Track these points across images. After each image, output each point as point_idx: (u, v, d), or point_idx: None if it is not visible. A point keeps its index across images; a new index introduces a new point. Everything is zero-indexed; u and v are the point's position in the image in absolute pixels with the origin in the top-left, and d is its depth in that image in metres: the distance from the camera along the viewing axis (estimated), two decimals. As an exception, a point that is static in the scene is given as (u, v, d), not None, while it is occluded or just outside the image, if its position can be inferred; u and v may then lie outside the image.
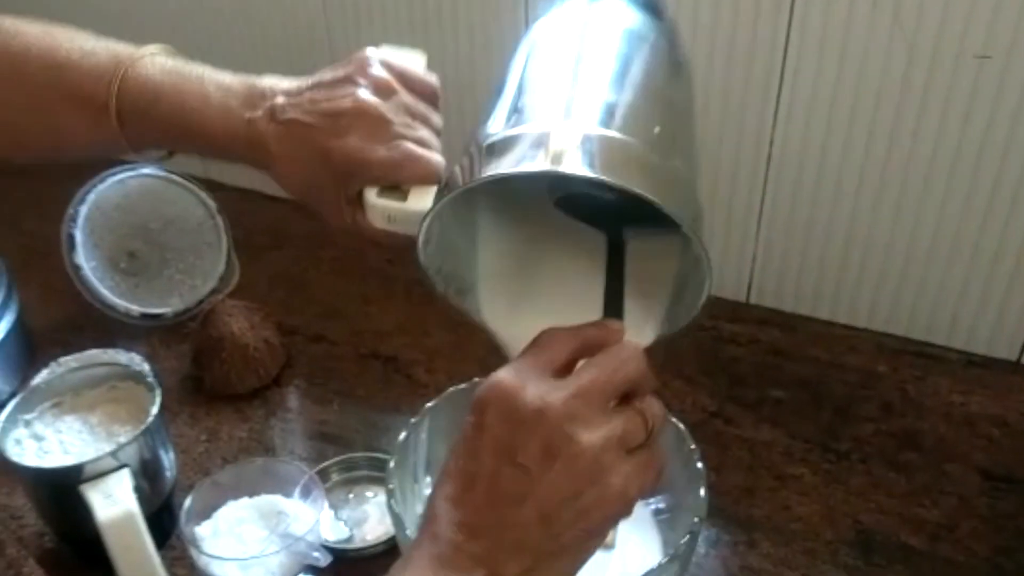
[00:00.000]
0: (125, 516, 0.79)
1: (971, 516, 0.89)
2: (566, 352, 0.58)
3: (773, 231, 1.12)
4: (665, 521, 0.83)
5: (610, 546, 0.76)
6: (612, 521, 0.56)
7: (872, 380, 1.05)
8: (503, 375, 0.56)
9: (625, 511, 0.56)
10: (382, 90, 0.72)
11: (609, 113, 0.63)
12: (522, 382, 0.55)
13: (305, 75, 0.75)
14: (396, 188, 0.71)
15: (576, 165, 0.57)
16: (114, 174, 1.15)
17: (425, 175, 0.70)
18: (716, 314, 1.16)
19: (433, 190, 0.68)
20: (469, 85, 1.10)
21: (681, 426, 0.83)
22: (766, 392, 1.04)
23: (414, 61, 0.76)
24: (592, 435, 0.54)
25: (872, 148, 1.01)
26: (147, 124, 0.76)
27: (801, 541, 0.87)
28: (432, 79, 0.75)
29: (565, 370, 0.58)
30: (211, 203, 1.20)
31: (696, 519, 0.75)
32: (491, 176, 0.59)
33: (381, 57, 0.74)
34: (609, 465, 0.54)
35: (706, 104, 1.07)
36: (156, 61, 0.76)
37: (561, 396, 0.54)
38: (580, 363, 0.59)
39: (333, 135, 0.71)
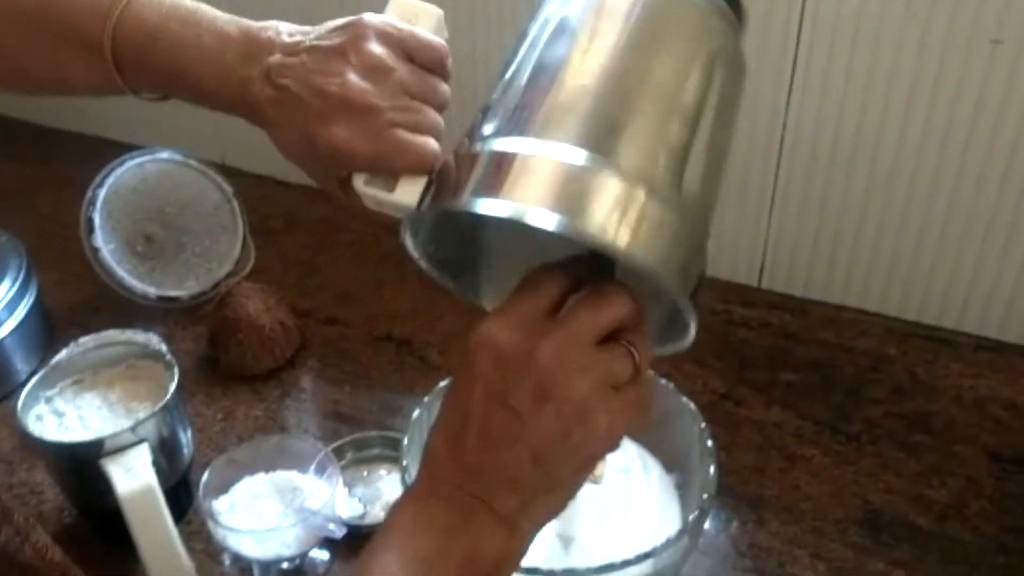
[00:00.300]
0: (144, 489, 0.80)
1: (979, 497, 0.90)
2: (555, 293, 0.58)
3: (785, 216, 1.12)
4: (679, 498, 0.84)
5: (598, 479, 0.76)
6: (600, 456, 0.58)
7: (883, 363, 1.06)
8: (492, 321, 0.57)
9: (612, 447, 0.58)
10: (374, 71, 0.67)
11: (625, 142, 0.58)
12: (511, 327, 0.56)
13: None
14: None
15: (553, 222, 0.53)
16: (132, 158, 1.17)
17: (415, 165, 0.65)
18: (728, 298, 1.17)
19: (423, 181, 0.65)
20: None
21: (692, 405, 0.84)
22: (777, 375, 1.05)
23: (425, 17, 0.71)
24: (580, 378, 0.55)
25: (884, 133, 1.01)
26: (142, 69, 0.72)
27: (810, 520, 0.88)
28: (438, 44, 0.70)
29: (554, 310, 0.58)
30: (227, 187, 1.21)
31: (706, 495, 0.76)
32: (465, 209, 0.58)
33: (381, 25, 0.68)
34: (597, 405, 0.56)
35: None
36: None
37: (549, 340, 0.55)
38: (569, 300, 0.59)
39: (320, 120, 0.66)
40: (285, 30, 0.70)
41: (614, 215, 0.55)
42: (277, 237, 1.36)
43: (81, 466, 0.84)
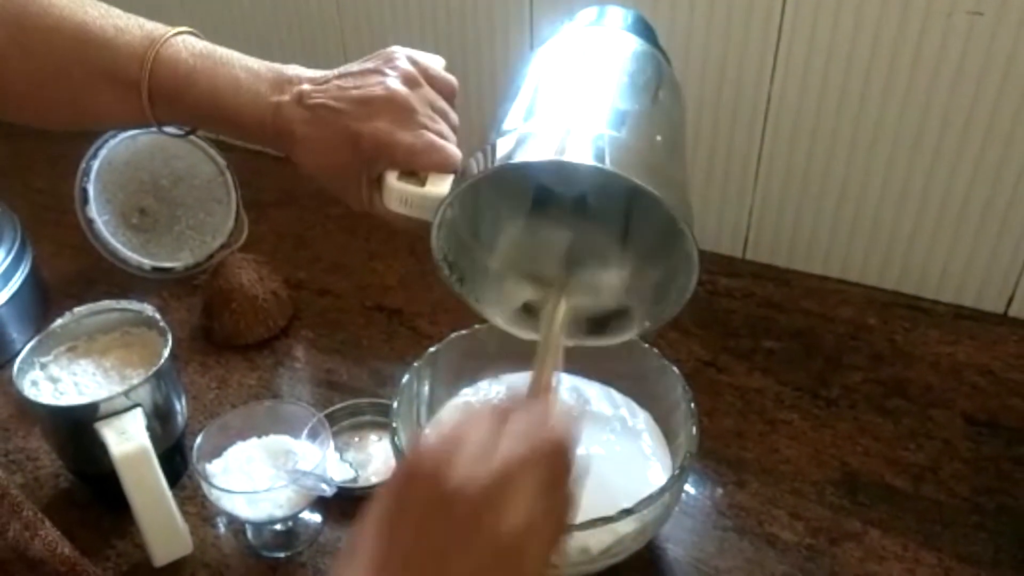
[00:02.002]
0: (138, 451, 0.82)
1: (954, 459, 0.92)
2: (494, 430, 0.56)
3: (769, 188, 1.14)
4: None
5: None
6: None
7: (863, 331, 1.08)
8: (435, 445, 0.55)
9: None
10: (410, 81, 0.75)
11: (618, 119, 0.68)
12: (452, 456, 0.53)
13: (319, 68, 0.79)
14: (414, 174, 0.73)
15: (586, 157, 0.63)
16: (126, 130, 1.17)
17: (444, 164, 0.73)
18: (712, 269, 1.19)
19: (449, 179, 0.72)
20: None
21: (675, 370, 0.86)
22: (759, 343, 1.07)
23: (434, 61, 0.80)
24: (513, 517, 0.52)
25: (865, 106, 1.03)
26: (177, 104, 0.77)
27: (789, 482, 0.90)
28: (451, 78, 0.79)
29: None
30: (220, 160, 1.22)
31: (688, 453, 0.78)
32: (505, 165, 0.64)
33: (408, 51, 0.78)
34: (521, 549, 0.53)
35: (704, 64, 1.09)
36: (187, 42, 0.78)
37: (485, 474, 0.52)
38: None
39: (363, 119, 0.73)
40: (310, 71, 0.77)
41: (636, 165, 0.64)
42: (270, 210, 1.37)
43: (76, 430, 0.85)
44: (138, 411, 0.85)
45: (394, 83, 0.74)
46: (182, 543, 0.86)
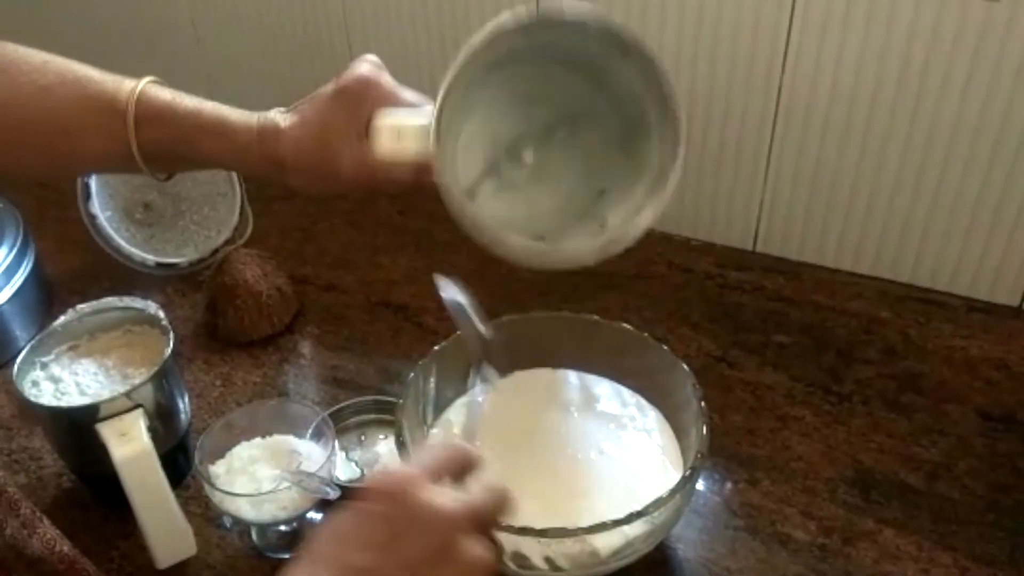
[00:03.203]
0: (140, 454, 0.81)
1: (969, 455, 0.90)
2: (449, 468, 0.62)
3: (780, 180, 1.13)
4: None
5: None
6: None
7: (875, 325, 1.06)
8: (402, 471, 0.59)
9: None
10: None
11: None
12: (419, 482, 0.58)
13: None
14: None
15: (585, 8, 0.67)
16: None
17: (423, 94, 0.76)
18: (723, 263, 1.18)
19: (432, 106, 0.71)
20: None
21: (685, 367, 0.85)
22: (770, 337, 1.06)
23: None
24: (481, 552, 0.57)
25: (879, 96, 1.01)
26: (162, 124, 0.79)
27: (801, 479, 0.89)
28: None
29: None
30: (224, 154, 1.21)
31: (698, 454, 0.77)
32: (500, 23, 0.67)
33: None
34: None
35: (715, 56, 1.08)
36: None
37: (451, 501, 0.58)
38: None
39: (344, 78, 0.78)
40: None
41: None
42: (275, 205, 1.36)
43: (77, 431, 0.84)
44: (139, 412, 0.84)
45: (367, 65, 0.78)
46: (185, 545, 0.86)
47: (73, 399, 0.87)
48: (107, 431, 0.82)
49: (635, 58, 0.71)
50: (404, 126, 0.74)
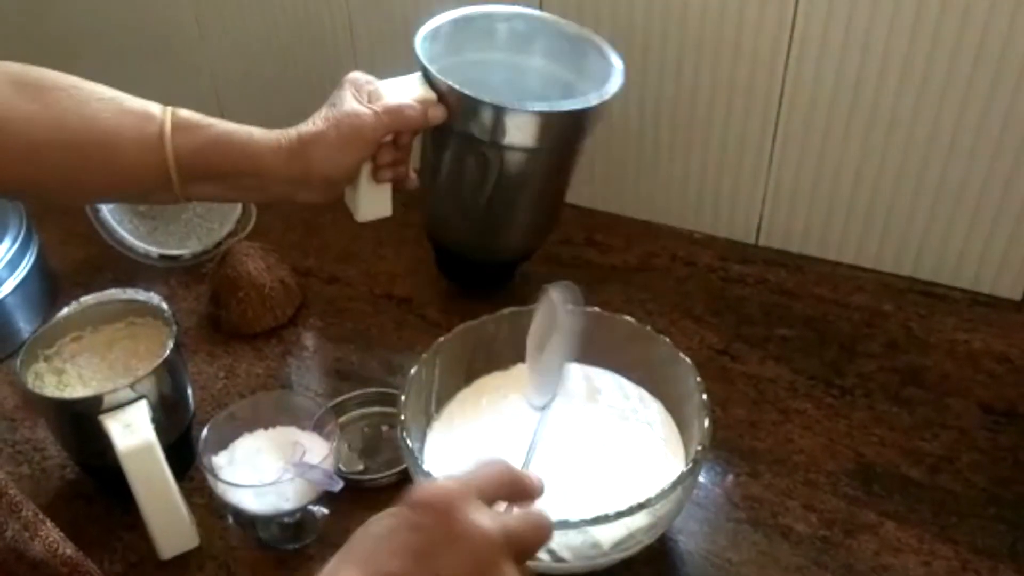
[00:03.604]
0: (143, 445, 0.81)
1: (971, 449, 0.90)
2: (496, 492, 0.61)
3: (783, 174, 1.13)
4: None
5: None
6: None
7: (877, 318, 1.06)
8: (448, 484, 0.58)
9: None
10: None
11: None
12: (463, 499, 0.57)
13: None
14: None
15: None
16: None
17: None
18: (725, 256, 1.18)
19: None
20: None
21: (688, 360, 0.85)
22: (772, 331, 1.06)
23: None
24: (511, 570, 0.56)
25: (882, 90, 1.01)
26: (196, 132, 0.83)
27: (803, 472, 0.89)
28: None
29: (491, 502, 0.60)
30: (228, 146, 1.21)
31: (700, 447, 0.77)
32: None
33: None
34: None
35: (718, 49, 1.08)
36: None
37: (492, 523, 0.57)
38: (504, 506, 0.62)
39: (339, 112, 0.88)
40: None
41: None
42: (277, 197, 1.37)
43: (81, 423, 0.84)
44: (143, 404, 0.84)
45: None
46: (188, 536, 0.86)
47: (76, 391, 0.88)
48: (111, 423, 0.82)
49: None
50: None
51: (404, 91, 0.93)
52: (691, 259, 1.18)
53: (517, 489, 0.62)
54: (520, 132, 0.95)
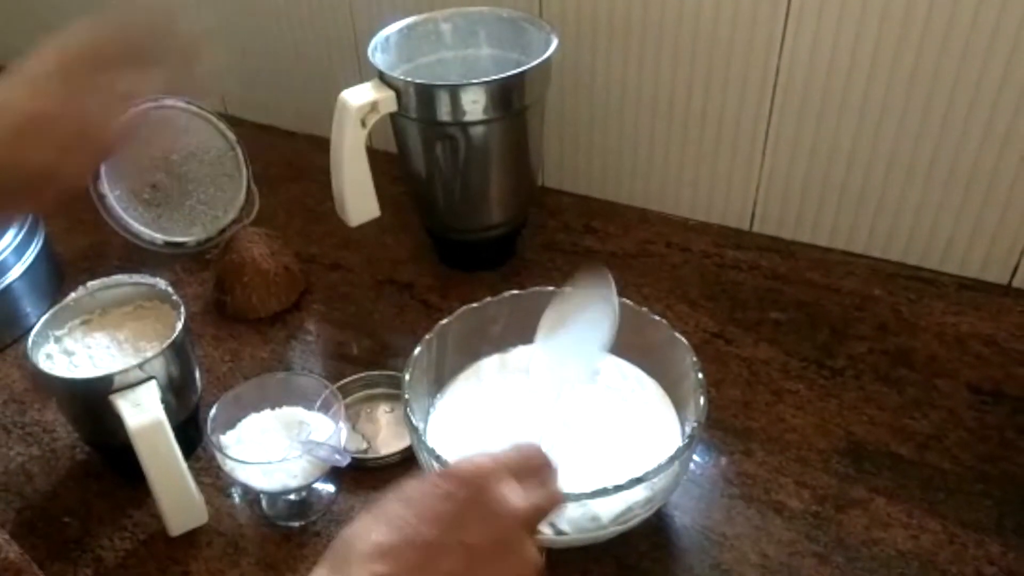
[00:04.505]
0: (154, 423, 0.83)
1: (958, 428, 0.93)
2: (527, 468, 0.62)
3: (777, 161, 1.15)
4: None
5: None
6: None
7: (868, 302, 1.09)
8: (482, 460, 0.60)
9: None
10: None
11: None
12: (497, 474, 0.59)
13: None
14: None
15: None
16: (136, 105, 1.18)
17: None
18: (720, 242, 1.20)
19: None
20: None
21: (684, 340, 0.87)
22: (766, 314, 1.08)
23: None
24: (534, 552, 0.59)
25: (874, 77, 1.03)
26: None
27: (795, 450, 0.91)
28: None
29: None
30: (230, 135, 1.23)
31: (696, 423, 0.79)
32: None
33: None
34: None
35: (713, 37, 1.10)
36: None
37: (522, 500, 0.59)
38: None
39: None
40: None
41: None
42: (281, 185, 1.38)
43: (91, 402, 0.86)
44: (152, 383, 0.86)
45: None
46: (197, 513, 0.88)
47: (86, 371, 0.89)
48: (121, 402, 0.84)
49: None
50: None
51: (361, 95, 1.02)
52: (686, 245, 1.21)
53: (537, 466, 0.64)
54: (476, 106, 1.02)
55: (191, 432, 0.96)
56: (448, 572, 0.55)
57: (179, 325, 0.90)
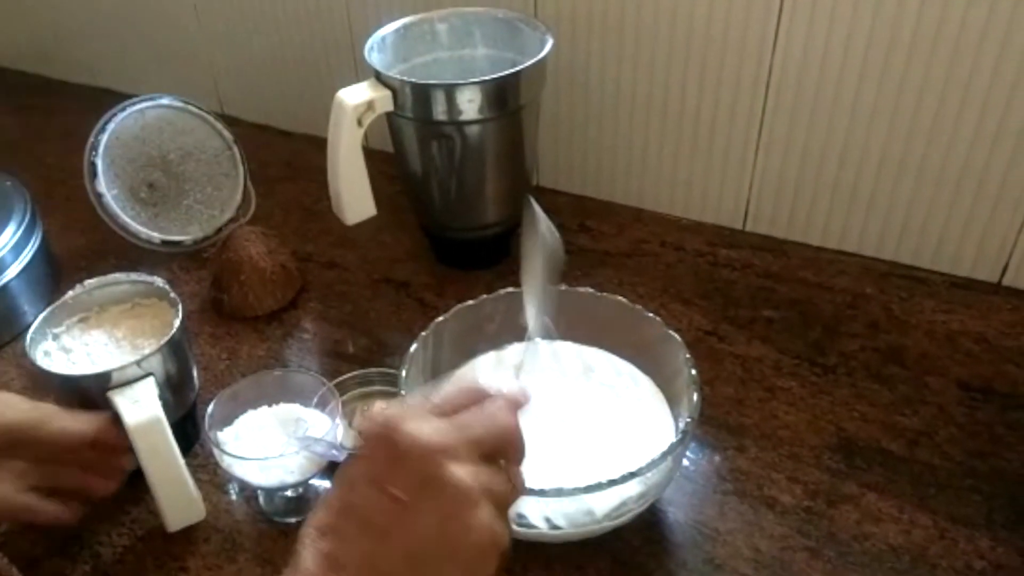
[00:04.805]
0: (151, 420, 0.83)
1: (949, 424, 0.93)
2: (455, 402, 0.61)
3: (769, 160, 1.16)
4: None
5: None
6: (479, 563, 0.57)
7: (860, 300, 1.10)
8: (390, 411, 0.58)
9: (492, 553, 0.57)
10: None
11: None
12: (404, 417, 0.57)
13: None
14: None
15: None
16: (133, 104, 1.19)
17: None
18: (714, 241, 1.21)
19: None
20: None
21: (678, 337, 0.88)
22: (758, 312, 1.09)
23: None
24: (461, 469, 0.56)
25: (866, 76, 1.04)
26: None
27: (787, 446, 0.92)
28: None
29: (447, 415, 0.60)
30: (227, 134, 1.24)
31: (689, 419, 0.80)
32: None
33: None
34: (475, 501, 0.56)
35: (706, 36, 1.11)
36: None
37: (435, 430, 0.57)
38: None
39: None
40: None
41: None
42: (277, 184, 1.39)
43: (89, 399, 0.86)
44: (150, 380, 0.86)
45: None
46: (195, 510, 0.88)
47: (84, 368, 0.90)
48: (119, 399, 0.84)
49: None
50: None
51: (357, 95, 1.03)
52: (680, 244, 1.21)
53: (472, 398, 0.63)
54: (471, 105, 1.03)
55: (188, 429, 0.97)
56: (385, 525, 0.55)
57: (177, 322, 0.91)
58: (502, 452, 0.61)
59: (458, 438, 0.58)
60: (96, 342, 0.93)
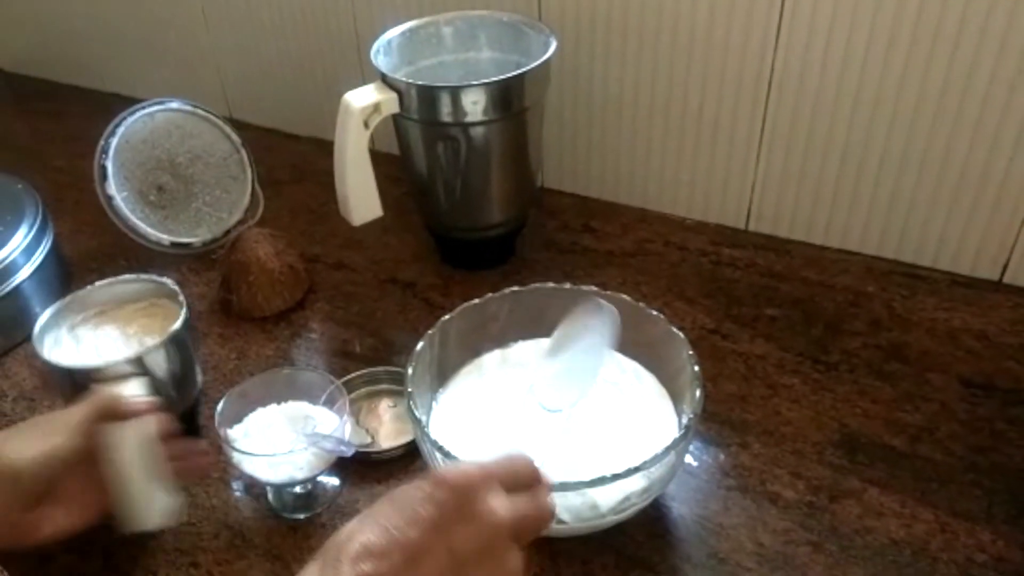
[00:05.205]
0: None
1: (950, 420, 0.94)
2: (516, 481, 0.64)
3: (772, 160, 1.17)
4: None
5: None
6: None
7: (862, 299, 1.10)
8: (471, 469, 0.61)
9: None
10: None
11: None
12: (485, 484, 0.61)
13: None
14: None
15: None
16: (142, 108, 1.21)
17: None
18: (717, 240, 1.22)
19: None
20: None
21: (681, 334, 0.89)
22: (761, 311, 1.10)
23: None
24: (517, 556, 0.61)
25: (866, 75, 1.05)
26: None
27: (790, 443, 0.93)
28: None
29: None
30: (235, 137, 1.25)
31: (692, 414, 0.81)
32: None
33: None
34: None
35: (708, 37, 1.12)
36: None
37: (507, 509, 0.61)
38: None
39: None
40: None
41: None
42: (285, 187, 1.41)
43: (79, 391, 0.85)
44: (142, 380, 0.87)
45: None
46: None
47: (89, 359, 0.91)
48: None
49: None
50: None
51: (364, 97, 1.04)
52: (684, 244, 1.22)
53: (527, 477, 0.65)
54: (476, 107, 1.04)
55: (190, 426, 0.98)
56: (431, 574, 0.57)
57: (178, 322, 0.92)
58: (535, 534, 0.64)
59: (518, 524, 0.61)
60: (108, 336, 0.95)
